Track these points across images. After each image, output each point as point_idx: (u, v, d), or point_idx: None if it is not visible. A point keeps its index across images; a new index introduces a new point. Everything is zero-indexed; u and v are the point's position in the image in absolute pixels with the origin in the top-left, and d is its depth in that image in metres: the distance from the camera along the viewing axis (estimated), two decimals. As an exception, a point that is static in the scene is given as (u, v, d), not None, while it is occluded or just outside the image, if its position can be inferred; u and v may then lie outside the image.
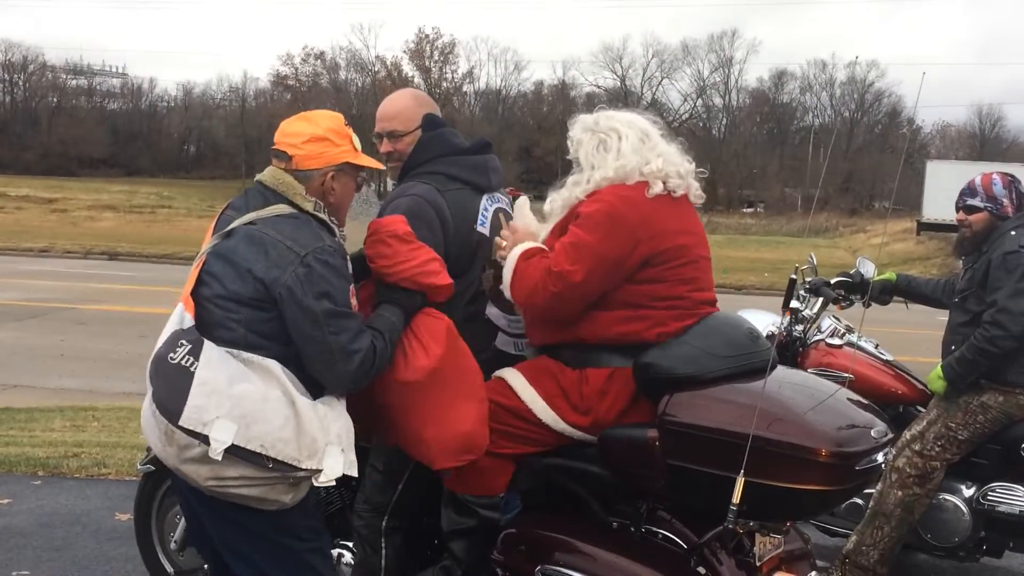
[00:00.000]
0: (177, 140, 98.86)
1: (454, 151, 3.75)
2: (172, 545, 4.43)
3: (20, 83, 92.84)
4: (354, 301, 3.04)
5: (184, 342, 2.89)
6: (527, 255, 3.33)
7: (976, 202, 4.83)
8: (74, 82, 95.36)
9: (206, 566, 4.05)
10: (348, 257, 3.15)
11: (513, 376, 3.43)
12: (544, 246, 3.39)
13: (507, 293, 3.36)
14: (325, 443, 2.90)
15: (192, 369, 2.83)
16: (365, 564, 3.67)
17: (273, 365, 2.93)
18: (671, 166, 3.34)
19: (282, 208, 3.06)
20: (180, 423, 2.79)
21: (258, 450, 2.81)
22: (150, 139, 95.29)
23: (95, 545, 5.46)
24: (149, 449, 4.65)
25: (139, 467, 4.62)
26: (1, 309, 16.13)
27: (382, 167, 3.53)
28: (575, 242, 3.22)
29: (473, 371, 3.32)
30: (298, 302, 2.91)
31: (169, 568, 4.59)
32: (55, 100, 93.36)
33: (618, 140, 3.37)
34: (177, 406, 2.80)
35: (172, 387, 2.83)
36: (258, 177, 3.16)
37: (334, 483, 2.95)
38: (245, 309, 2.96)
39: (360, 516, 3.69)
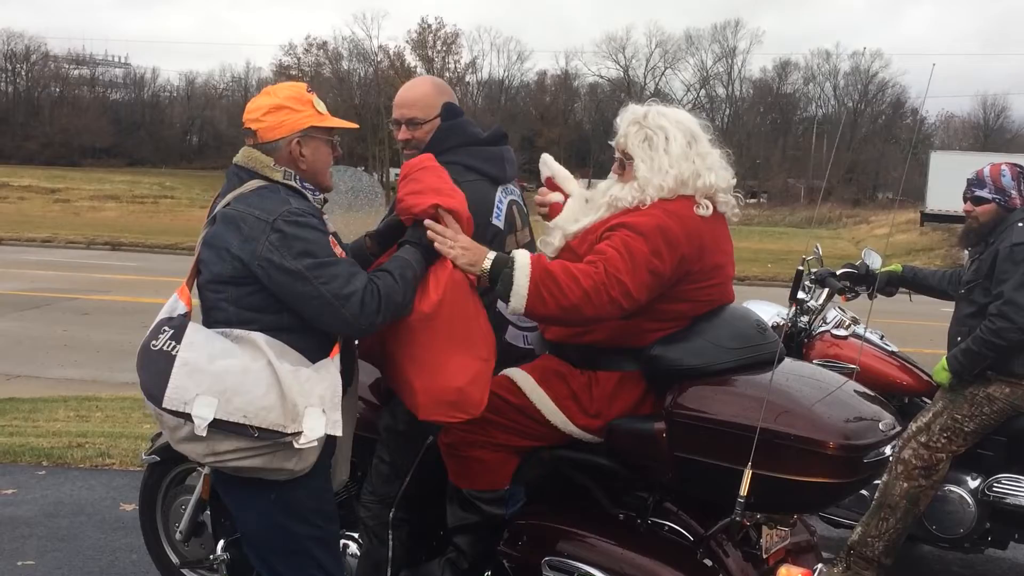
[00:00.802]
0: (179, 130, 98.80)
1: (472, 141, 3.71)
2: (177, 535, 4.42)
3: (23, 73, 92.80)
4: (337, 250, 3.04)
5: (167, 328, 2.97)
6: (540, 259, 3.15)
7: (984, 193, 4.81)
8: (77, 72, 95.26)
9: (212, 555, 4.07)
10: (324, 217, 3.16)
11: (522, 377, 3.38)
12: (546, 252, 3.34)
13: (515, 303, 3.09)
14: (305, 406, 2.91)
15: (173, 353, 2.90)
16: (371, 555, 3.67)
17: (258, 337, 2.96)
18: (721, 182, 3.27)
19: (254, 183, 3.09)
20: (164, 405, 2.86)
21: (241, 421, 2.86)
22: (152, 129, 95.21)
23: (100, 535, 5.46)
24: (154, 439, 4.66)
25: (144, 457, 4.62)
26: (4, 299, 16.14)
27: (351, 126, 3.47)
28: (632, 252, 3.06)
29: (480, 329, 3.22)
30: (279, 267, 2.93)
31: (174, 558, 4.60)
32: (58, 90, 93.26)
33: (665, 140, 3.26)
34: (160, 390, 2.88)
35: (154, 373, 2.91)
36: (234, 159, 3.21)
37: (316, 443, 2.94)
38: (231, 288, 3.01)
39: (367, 508, 3.68)
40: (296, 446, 2.91)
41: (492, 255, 3.15)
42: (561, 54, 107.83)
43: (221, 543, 4.03)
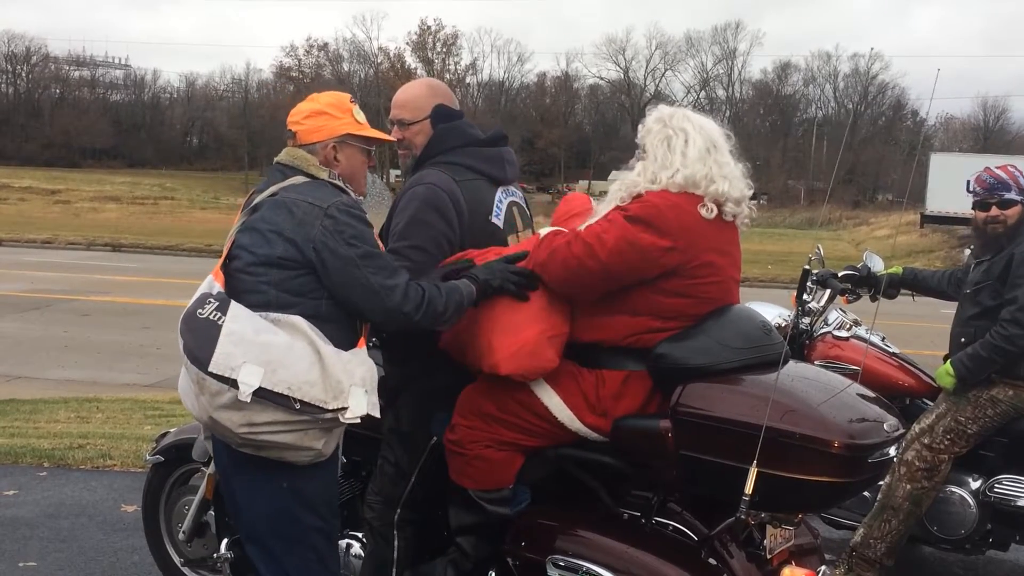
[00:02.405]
0: (180, 131, 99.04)
1: (471, 142, 3.73)
2: (180, 535, 4.43)
3: (23, 74, 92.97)
4: (380, 244, 3.21)
5: (212, 299, 3.03)
6: (559, 232, 3.37)
7: (1013, 195, 4.75)
8: (77, 73, 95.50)
9: (215, 555, 4.08)
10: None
11: None
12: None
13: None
14: (350, 384, 2.99)
15: (220, 323, 2.96)
16: (376, 555, 3.67)
17: (298, 320, 3.03)
18: (734, 191, 3.31)
19: (299, 178, 3.20)
20: (210, 369, 2.89)
21: (285, 392, 2.91)
22: (153, 130, 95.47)
23: (101, 536, 5.47)
24: (158, 440, 4.66)
25: (147, 458, 4.62)
26: (5, 300, 16.14)
27: (386, 138, 3.60)
28: (612, 220, 3.23)
29: (553, 298, 3.33)
30: (333, 251, 3.05)
31: (177, 559, 4.60)
32: (58, 91, 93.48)
33: (684, 143, 3.32)
34: (206, 354, 2.91)
35: (201, 338, 2.95)
36: (276, 159, 3.31)
37: (358, 419, 3.02)
38: (274, 271, 3.08)
39: (372, 508, 3.69)
40: (342, 420, 2.99)
41: None
42: (561, 56, 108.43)
43: (225, 542, 4.03)
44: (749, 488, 2.85)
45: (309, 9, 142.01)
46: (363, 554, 3.80)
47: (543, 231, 3.45)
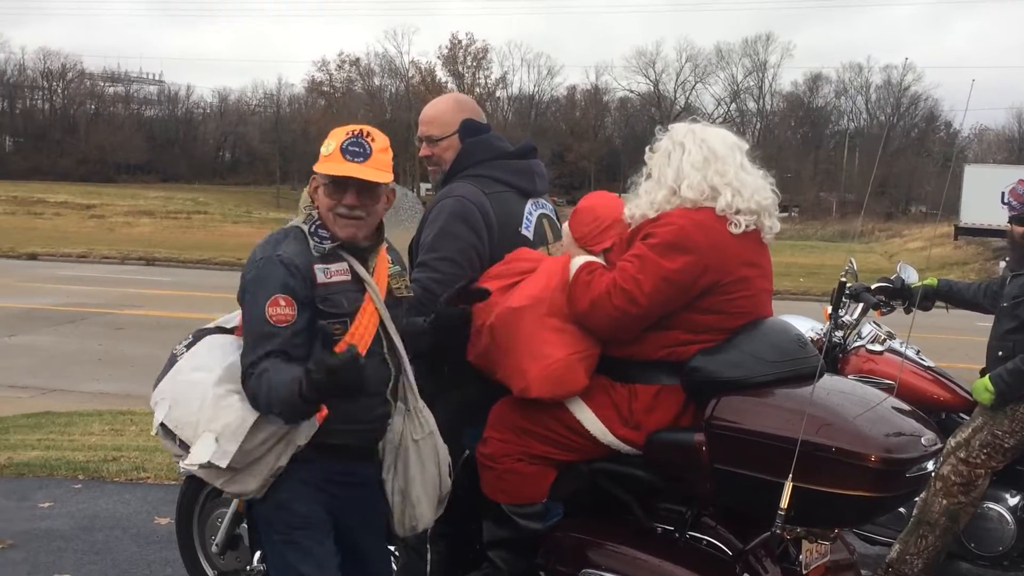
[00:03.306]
0: (212, 146, 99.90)
1: (499, 155, 3.75)
2: (213, 548, 4.43)
3: (59, 90, 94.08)
4: (287, 311, 2.97)
5: (190, 336, 3.31)
6: (590, 268, 3.30)
7: None
8: (111, 89, 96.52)
9: (248, 567, 4.08)
10: (298, 267, 3.01)
11: None
12: (602, 261, 3.37)
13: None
14: (204, 430, 2.98)
15: (178, 356, 3.23)
16: (409, 569, 3.67)
17: (225, 360, 3.11)
18: (741, 201, 3.26)
19: (289, 224, 3.20)
20: (150, 401, 3.16)
21: (173, 429, 3.06)
22: (186, 145, 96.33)
23: (135, 548, 5.49)
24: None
25: (181, 471, 4.64)
26: (40, 314, 16.30)
27: (346, 174, 2.97)
28: (644, 260, 3.18)
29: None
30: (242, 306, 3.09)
31: (210, 571, 4.61)
32: (93, 107, 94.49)
33: (680, 155, 3.32)
34: (154, 386, 3.19)
35: (162, 372, 3.27)
36: None
37: (197, 468, 2.98)
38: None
39: None
40: (180, 465, 3.07)
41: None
42: (591, 69, 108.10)
43: (257, 555, 4.04)
44: (784, 503, 2.83)
45: (341, 24, 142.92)
46: (396, 568, 3.79)
47: (577, 261, 3.38)
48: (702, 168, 3.27)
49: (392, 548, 3.82)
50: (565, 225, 3.66)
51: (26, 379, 11.40)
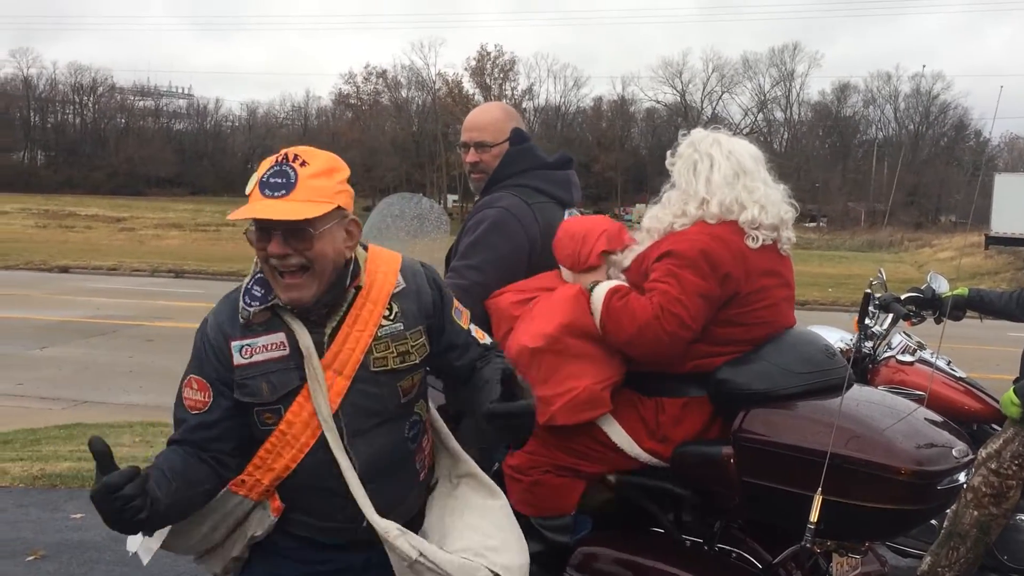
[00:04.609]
0: (241, 159, 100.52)
1: (540, 165, 3.79)
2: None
3: (89, 105, 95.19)
4: (186, 393, 2.53)
5: None
6: (620, 293, 3.23)
7: None
8: (141, 103, 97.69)
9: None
10: (219, 337, 2.54)
11: None
12: (624, 282, 3.34)
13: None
14: None
15: None
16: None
17: None
18: (766, 217, 3.24)
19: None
20: None
21: None
22: (215, 158, 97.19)
23: (166, 559, 5.45)
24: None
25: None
26: (72, 326, 16.43)
27: (252, 215, 2.42)
28: (681, 281, 3.12)
29: (601, 348, 3.26)
30: None
31: (239, 583, 4.62)
32: (123, 121, 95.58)
33: (709, 168, 3.30)
34: None
35: None
36: None
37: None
38: None
39: None
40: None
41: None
42: (617, 80, 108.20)
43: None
44: (814, 516, 2.81)
45: (369, 37, 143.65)
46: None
47: (601, 288, 3.25)
48: (732, 183, 3.26)
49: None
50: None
51: (58, 391, 11.50)
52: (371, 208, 4.40)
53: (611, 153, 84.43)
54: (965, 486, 4.68)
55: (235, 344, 2.48)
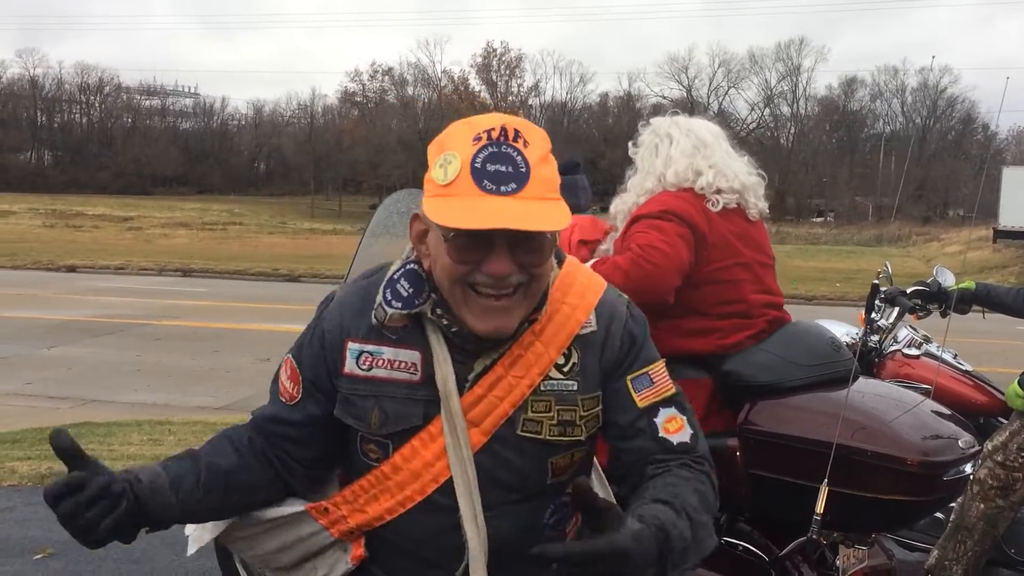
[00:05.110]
0: (247, 158, 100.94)
1: None
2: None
3: (96, 104, 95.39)
4: (283, 374, 2.06)
5: None
6: (601, 261, 3.22)
7: None
8: (148, 103, 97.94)
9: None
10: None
11: None
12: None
13: None
14: None
15: None
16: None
17: None
18: (724, 181, 3.25)
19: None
20: None
21: None
22: (221, 157, 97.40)
23: (173, 557, 5.53)
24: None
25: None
26: (79, 326, 16.46)
27: (491, 225, 1.67)
28: (656, 229, 3.12)
29: None
30: None
31: (247, 579, 4.63)
32: (130, 120, 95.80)
33: (669, 145, 3.34)
34: None
35: None
36: None
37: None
38: None
39: None
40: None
41: None
42: (624, 76, 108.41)
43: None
44: (820, 507, 2.81)
45: (374, 35, 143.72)
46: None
47: (583, 268, 3.29)
48: (691, 155, 3.29)
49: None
50: None
51: (66, 390, 11.51)
52: (377, 206, 4.39)
53: (617, 149, 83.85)
54: (971, 479, 4.68)
55: (353, 346, 1.94)
